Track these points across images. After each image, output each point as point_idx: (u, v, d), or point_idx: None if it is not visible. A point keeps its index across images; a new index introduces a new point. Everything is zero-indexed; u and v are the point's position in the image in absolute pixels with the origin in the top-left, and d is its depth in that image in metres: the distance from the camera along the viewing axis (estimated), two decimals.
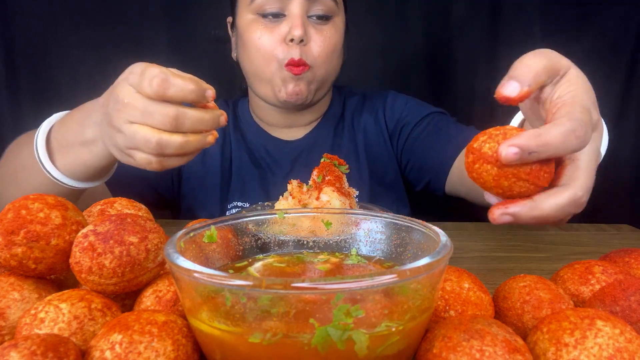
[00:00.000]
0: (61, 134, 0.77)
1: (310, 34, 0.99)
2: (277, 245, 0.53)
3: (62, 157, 0.76)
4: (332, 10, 1.00)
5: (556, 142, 0.42)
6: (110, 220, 0.44)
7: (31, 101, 1.44)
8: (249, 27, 1.01)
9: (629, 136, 1.50)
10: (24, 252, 0.43)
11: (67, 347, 0.34)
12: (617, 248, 0.59)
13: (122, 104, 0.61)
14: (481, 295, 0.44)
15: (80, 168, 0.75)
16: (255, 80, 1.06)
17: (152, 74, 0.59)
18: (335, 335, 0.32)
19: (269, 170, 1.12)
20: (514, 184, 0.43)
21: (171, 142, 0.60)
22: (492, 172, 0.43)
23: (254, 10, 1.00)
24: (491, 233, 0.93)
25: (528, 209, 0.44)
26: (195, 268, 0.34)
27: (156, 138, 0.59)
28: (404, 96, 1.19)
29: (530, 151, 0.41)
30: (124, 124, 0.61)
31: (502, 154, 0.41)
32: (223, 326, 0.34)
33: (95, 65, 1.43)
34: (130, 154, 0.63)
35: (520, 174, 0.42)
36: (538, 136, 0.41)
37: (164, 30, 1.45)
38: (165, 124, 0.59)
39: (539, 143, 0.41)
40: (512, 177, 0.42)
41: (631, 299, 0.42)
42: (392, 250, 0.50)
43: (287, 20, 0.97)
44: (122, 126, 0.62)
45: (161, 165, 0.62)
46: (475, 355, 0.34)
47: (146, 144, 0.60)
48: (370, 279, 0.32)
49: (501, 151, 0.41)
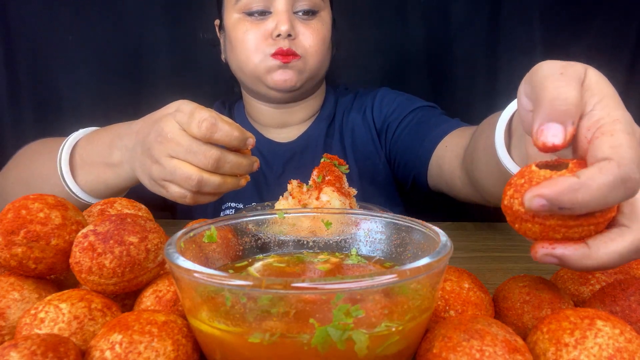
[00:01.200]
0: (87, 151, 0.79)
1: (298, 29, 1.00)
2: (277, 245, 0.53)
3: (84, 174, 0.79)
4: (317, 5, 1.01)
5: (598, 197, 0.33)
6: (110, 220, 0.44)
7: (31, 101, 1.44)
8: (235, 26, 1.01)
9: None
10: (24, 252, 0.43)
11: (67, 347, 0.34)
12: None
13: (166, 139, 0.64)
14: (481, 295, 0.44)
15: (100, 186, 0.78)
16: (242, 76, 1.06)
17: (202, 117, 0.62)
18: (335, 335, 0.32)
19: (261, 172, 1.11)
20: (567, 234, 0.36)
21: (210, 181, 0.64)
22: (535, 230, 0.37)
23: (239, 9, 1.00)
24: (491, 233, 0.93)
25: (580, 256, 0.37)
26: (195, 268, 0.34)
27: (198, 176, 0.63)
28: (394, 92, 1.17)
29: (560, 206, 0.33)
30: (164, 157, 0.65)
31: (525, 205, 0.35)
32: (223, 326, 0.34)
33: (95, 65, 1.44)
34: (164, 185, 0.66)
35: (568, 222, 0.35)
36: (574, 191, 0.33)
37: (164, 31, 1.45)
38: (207, 164, 0.63)
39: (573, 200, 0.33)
40: (560, 228, 0.36)
41: (631, 299, 0.42)
42: (392, 250, 0.50)
43: (273, 17, 0.98)
44: (162, 159, 0.65)
45: (194, 201, 0.66)
46: (475, 355, 0.34)
47: (187, 180, 0.63)
48: (370, 279, 0.32)
49: (525, 201, 0.35)
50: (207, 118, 0.62)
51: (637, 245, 0.37)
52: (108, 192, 0.78)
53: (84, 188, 0.79)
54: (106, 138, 0.78)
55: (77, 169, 0.79)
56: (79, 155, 0.79)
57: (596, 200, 0.33)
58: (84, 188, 0.79)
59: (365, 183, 1.12)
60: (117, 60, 1.45)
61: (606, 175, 0.33)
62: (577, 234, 0.36)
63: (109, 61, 1.44)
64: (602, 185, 0.33)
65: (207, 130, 0.62)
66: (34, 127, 1.42)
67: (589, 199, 0.33)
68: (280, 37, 0.97)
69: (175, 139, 0.64)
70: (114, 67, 1.45)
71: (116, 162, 0.74)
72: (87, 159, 0.79)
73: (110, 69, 1.44)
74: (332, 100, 1.19)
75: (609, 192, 0.33)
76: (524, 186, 0.36)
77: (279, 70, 0.99)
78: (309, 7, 1.00)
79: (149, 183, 0.69)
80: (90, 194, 0.79)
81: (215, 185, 0.64)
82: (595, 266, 0.37)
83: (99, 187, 0.78)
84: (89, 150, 0.79)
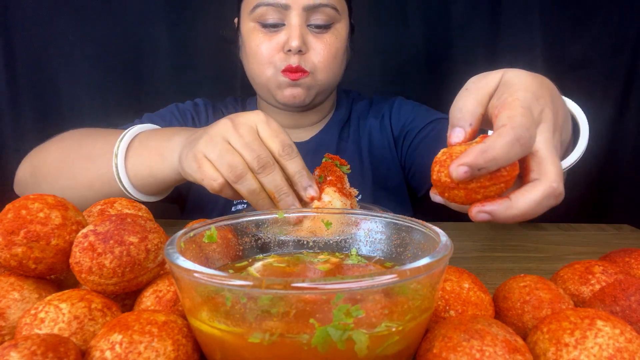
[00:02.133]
0: (147, 138, 0.79)
1: (310, 43, 0.99)
2: (277, 245, 0.53)
3: (134, 157, 0.77)
4: (332, 18, 1.00)
5: (502, 154, 0.43)
6: (110, 220, 0.44)
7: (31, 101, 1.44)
8: (249, 35, 1.01)
9: (629, 136, 1.50)
10: (24, 252, 0.43)
11: (67, 347, 0.34)
12: (617, 248, 0.58)
13: (234, 124, 0.64)
14: (481, 295, 0.44)
15: (143, 172, 0.76)
16: (254, 84, 1.08)
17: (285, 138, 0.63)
18: (335, 335, 0.32)
19: None
20: (485, 193, 0.45)
21: (249, 182, 0.62)
22: (461, 195, 0.45)
23: (254, 18, 1.00)
24: (491, 233, 0.93)
25: (505, 208, 0.45)
26: (195, 268, 0.34)
27: (242, 170, 0.62)
28: (412, 102, 1.20)
29: (478, 167, 0.42)
30: (220, 137, 0.63)
31: (453, 175, 0.43)
32: (223, 326, 0.34)
33: (95, 65, 1.44)
34: (200, 162, 0.64)
35: (485, 183, 0.44)
36: (484, 152, 0.42)
37: (164, 30, 1.45)
38: (255, 165, 0.62)
39: (486, 159, 0.42)
40: (480, 189, 0.44)
41: (631, 299, 0.42)
42: (392, 250, 0.50)
43: (286, 30, 0.98)
44: (216, 137, 0.63)
45: (220, 188, 0.64)
46: (476, 355, 0.34)
47: (230, 167, 0.62)
48: (370, 279, 0.32)
49: (452, 172, 0.43)
50: (291, 145, 0.63)
51: (548, 192, 0.45)
52: (150, 182, 0.77)
53: (129, 172, 0.77)
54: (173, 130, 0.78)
55: (131, 151, 0.78)
56: (139, 140, 0.79)
57: (501, 157, 0.42)
58: (129, 172, 0.77)
59: (378, 187, 1.13)
60: (117, 60, 1.45)
61: (504, 137, 0.43)
62: (493, 192, 0.45)
63: (109, 61, 1.44)
64: (503, 145, 0.42)
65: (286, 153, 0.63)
66: (34, 127, 1.42)
67: (496, 156, 0.42)
68: (291, 52, 0.97)
69: (242, 129, 0.63)
70: (114, 67, 1.45)
71: (169, 150, 0.73)
72: (145, 143, 0.78)
73: (110, 69, 1.44)
74: (346, 105, 1.20)
75: (509, 149, 0.42)
76: (447, 161, 0.45)
77: (288, 88, 1.00)
78: (324, 21, 0.99)
79: (187, 154, 0.67)
80: (132, 180, 0.77)
81: (250, 189, 0.62)
82: (518, 214, 0.45)
83: (143, 172, 0.76)
84: (151, 137, 0.78)
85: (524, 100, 0.48)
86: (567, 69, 1.47)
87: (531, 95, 0.49)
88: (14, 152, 1.42)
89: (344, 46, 1.05)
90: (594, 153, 1.51)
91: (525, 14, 1.46)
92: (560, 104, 0.59)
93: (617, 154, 1.51)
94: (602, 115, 1.49)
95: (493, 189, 0.45)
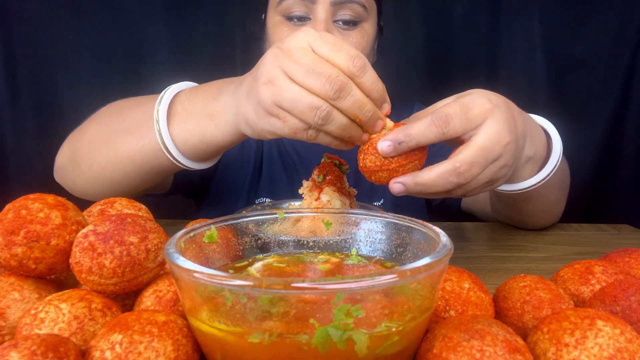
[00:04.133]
0: (189, 99, 0.71)
1: None
2: (277, 245, 0.53)
3: (180, 122, 0.70)
4: (359, 16, 0.98)
5: (418, 132, 0.55)
6: (110, 220, 0.44)
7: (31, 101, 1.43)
8: (274, 29, 1.00)
9: (629, 136, 1.50)
10: (24, 252, 0.43)
11: (67, 347, 0.34)
12: (617, 248, 0.59)
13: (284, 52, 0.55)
14: (481, 295, 0.44)
15: (194, 139, 0.69)
16: None
17: (352, 51, 0.54)
18: (335, 335, 0.32)
19: (295, 168, 1.12)
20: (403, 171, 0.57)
21: (338, 119, 0.54)
22: (385, 175, 0.58)
23: (280, 12, 0.98)
24: (491, 233, 0.93)
25: (411, 177, 0.57)
26: (195, 268, 0.34)
27: (328, 108, 0.53)
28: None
29: (399, 141, 0.54)
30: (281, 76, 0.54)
31: (379, 149, 0.55)
32: (223, 326, 0.34)
33: (95, 65, 1.44)
34: (278, 114, 0.56)
35: (401, 162, 0.57)
36: (403, 129, 0.55)
37: (164, 30, 1.45)
38: (328, 91, 0.53)
39: (405, 134, 0.54)
40: (399, 168, 0.57)
41: (631, 299, 0.42)
42: (392, 250, 0.50)
43: (311, 24, 0.95)
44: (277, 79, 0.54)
45: (315, 136, 0.57)
46: (476, 355, 0.34)
47: (313, 110, 0.53)
48: (370, 279, 0.32)
49: (378, 147, 0.55)
50: (359, 54, 0.54)
51: (451, 169, 0.56)
52: (202, 148, 0.69)
53: (177, 140, 0.69)
54: (215, 86, 0.70)
55: (174, 117, 0.70)
56: (180, 103, 0.70)
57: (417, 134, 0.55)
58: (176, 140, 0.69)
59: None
60: (117, 60, 1.45)
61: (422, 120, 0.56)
62: (410, 170, 0.58)
63: (109, 61, 1.44)
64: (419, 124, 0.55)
65: (357, 68, 0.53)
66: (34, 127, 1.42)
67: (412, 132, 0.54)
68: None
69: (296, 54, 0.54)
70: (114, 67, 1.45)
71: (219, 110, 0.66)
72: (188, 107, 0.70)
73: (110, 69, 1.44)
74: None
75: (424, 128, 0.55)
76: (369, 149, 0.57)
77: None
78: (351, 17, 0.96)
79: (255, 115, 0.58)
80: (179, 147, 0.70)
81: (342, 125, 0.55)
82: (423, 184, 0.57)
83: (193, 139, 0.68)
84: (193, 98, 0.70)
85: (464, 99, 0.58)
86: (567, 69, 1.47)
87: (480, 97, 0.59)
88: (14, 152, 1.43)
89: (370, 47, 1.02)
90: (593, 153, 1.51)
91: (525, 13, 1.46)
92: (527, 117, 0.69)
93: (617, 154, 1.51)
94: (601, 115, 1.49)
95: (409, 166, 0.57)
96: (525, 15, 1.46)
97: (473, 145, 0.57)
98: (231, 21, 1.45)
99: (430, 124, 0.55)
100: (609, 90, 1.48)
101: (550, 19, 1.45)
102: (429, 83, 1.52)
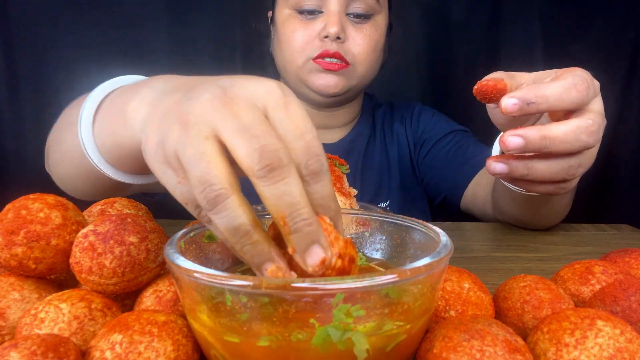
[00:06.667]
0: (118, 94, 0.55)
1: (349, 32, 0.95)
2: None
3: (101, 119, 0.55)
4: (372, 9, 0.96)
5: (555, 94, 0.46)
6: (111, 220, 0.44)
7: (31, 101, 1.44)
8: (284, 23, 0.98)
9: (629, 136, 1.50)
10: (24, 252, 0.43)
11: (67, 347, 0.34)
12: (617, 248, 0.58)
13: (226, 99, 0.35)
14: (481, 295, 0.44)
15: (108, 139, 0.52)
16: (285, 75, 1.04)
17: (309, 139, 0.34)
18: (335, 335, 0.32)
19: None
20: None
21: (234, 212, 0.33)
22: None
23: (291, 5, 0.97)
24: (491, 233, 0.93)
25: (537, 130, 0.47)
26: (195, 268, 0.34)
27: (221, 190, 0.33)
28: (430, 110, 1.18)
29: (528, 101, 0.46)
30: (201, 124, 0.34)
31: (502, 105, 0.46)
32: (223, 326, 0.34)
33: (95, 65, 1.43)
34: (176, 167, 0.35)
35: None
36: (537, 89, 0.46)
37: (164, 31, 1.45)
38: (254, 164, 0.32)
39: (536, 94, 0.46)
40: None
41: (632, 299, 0.42)
42: (392, 250, 0.50)
43: (324, 17, 0.94)
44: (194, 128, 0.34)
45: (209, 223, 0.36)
46: (476, 356, 0.34)
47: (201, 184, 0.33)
48: (370, 279, 0.32)
49: (502, 103, 0.46)
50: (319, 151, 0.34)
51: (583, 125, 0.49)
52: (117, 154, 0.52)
53: (97, 141, 0.54)
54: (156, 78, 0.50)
55: (99, 114, 0.55)
56: (110, 98, 0.56)
57: (552, 95, 0.46)
58: (96, 139, 0.54)
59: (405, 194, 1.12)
60: (117, 61, 1.44)
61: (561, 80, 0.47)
62: None
63: (109, 61, 1.44)
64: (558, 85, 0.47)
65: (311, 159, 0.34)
66: (34, 127, 1.42)
67: (549, 94, 0.46)
68: (329, 39, 0.93)
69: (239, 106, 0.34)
70: (114, 67, 1.44)
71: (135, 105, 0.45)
72: (114, 101, 0.54)
73: (110, 69, 1.44)
74: (370, 108, 1.18)
75: (563, 90, 0.47)
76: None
77: (321, 74, 0.96)
78: (363, 10, 0.95)
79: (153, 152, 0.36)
80: (99, 147, 0.53)
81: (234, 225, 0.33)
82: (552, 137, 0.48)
83: (107, 140, 0.52)
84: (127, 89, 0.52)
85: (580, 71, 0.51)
86: None
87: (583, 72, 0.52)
88: (14, 152, 1.43)
89: (382, 41, 1.01)
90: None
91: (525, 13, 1.46)
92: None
93: (617, 154, 1.51)
94: None
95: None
96: (525, 15, 1.46)
97: (593, 110, 0.51)
98: (231, 21, 1.45)
99: (571, 87, 0.47)
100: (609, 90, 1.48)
101: (550, 19, 1.45)
102: (429, 83, 1.52)
